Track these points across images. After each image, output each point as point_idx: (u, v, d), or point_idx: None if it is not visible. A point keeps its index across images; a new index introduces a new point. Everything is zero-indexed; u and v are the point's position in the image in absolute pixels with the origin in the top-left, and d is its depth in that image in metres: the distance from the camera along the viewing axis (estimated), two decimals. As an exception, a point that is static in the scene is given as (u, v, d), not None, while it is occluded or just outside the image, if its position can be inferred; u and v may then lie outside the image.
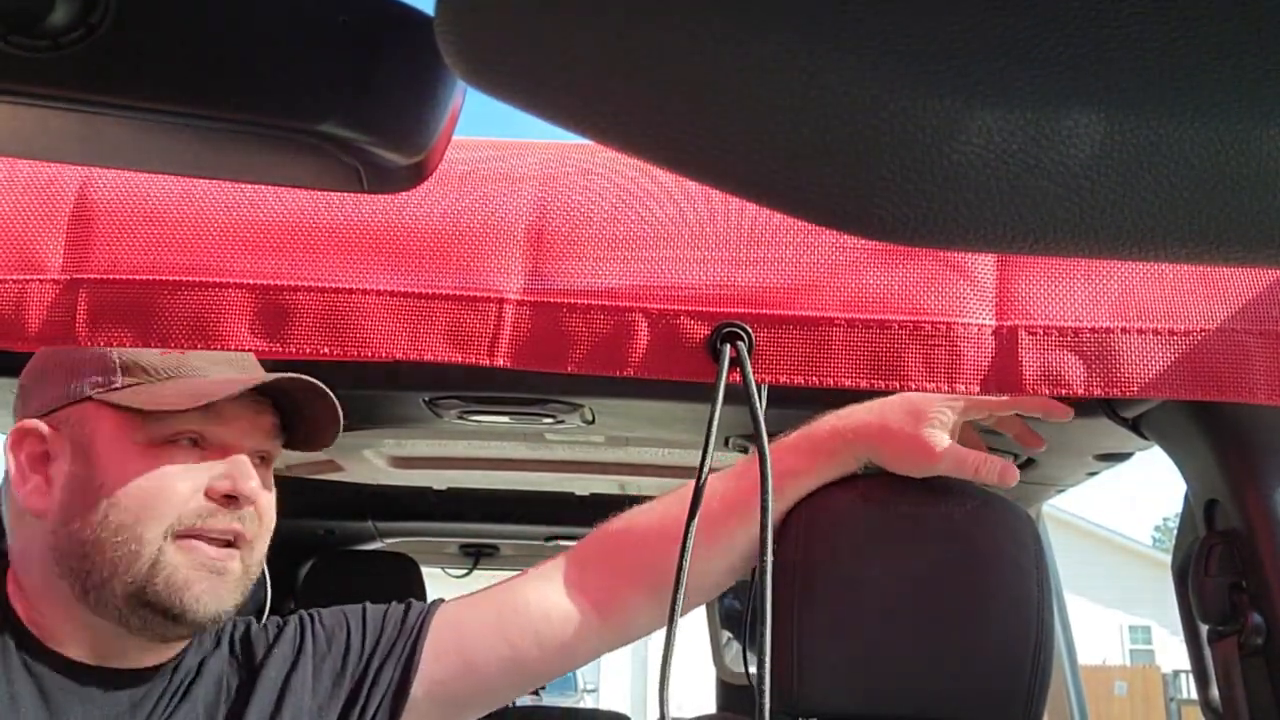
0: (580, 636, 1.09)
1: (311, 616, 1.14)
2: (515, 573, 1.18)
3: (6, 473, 1.05)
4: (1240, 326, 0.90)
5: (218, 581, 0.99)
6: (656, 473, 1.84)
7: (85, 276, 0.95)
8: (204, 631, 1.05)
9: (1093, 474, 1.48)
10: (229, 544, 1.00)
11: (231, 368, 1.05)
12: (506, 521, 2.27)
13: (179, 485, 0.98)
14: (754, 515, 0.86)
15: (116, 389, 1.00)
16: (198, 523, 0.98)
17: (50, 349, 1.00)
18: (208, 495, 0.99)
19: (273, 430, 1.07)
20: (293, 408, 1.08)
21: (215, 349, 0.95)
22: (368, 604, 1.16)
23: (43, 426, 1.01)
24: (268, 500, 1.06)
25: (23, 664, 0.97)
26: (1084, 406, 1.13)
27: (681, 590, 0.89)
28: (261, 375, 1.04)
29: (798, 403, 1.16)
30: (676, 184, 0.95)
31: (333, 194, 0.93)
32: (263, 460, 1.07)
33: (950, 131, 0.30)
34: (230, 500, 1.00)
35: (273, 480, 1.09)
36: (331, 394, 1.06)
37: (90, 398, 1.00)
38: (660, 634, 0.96)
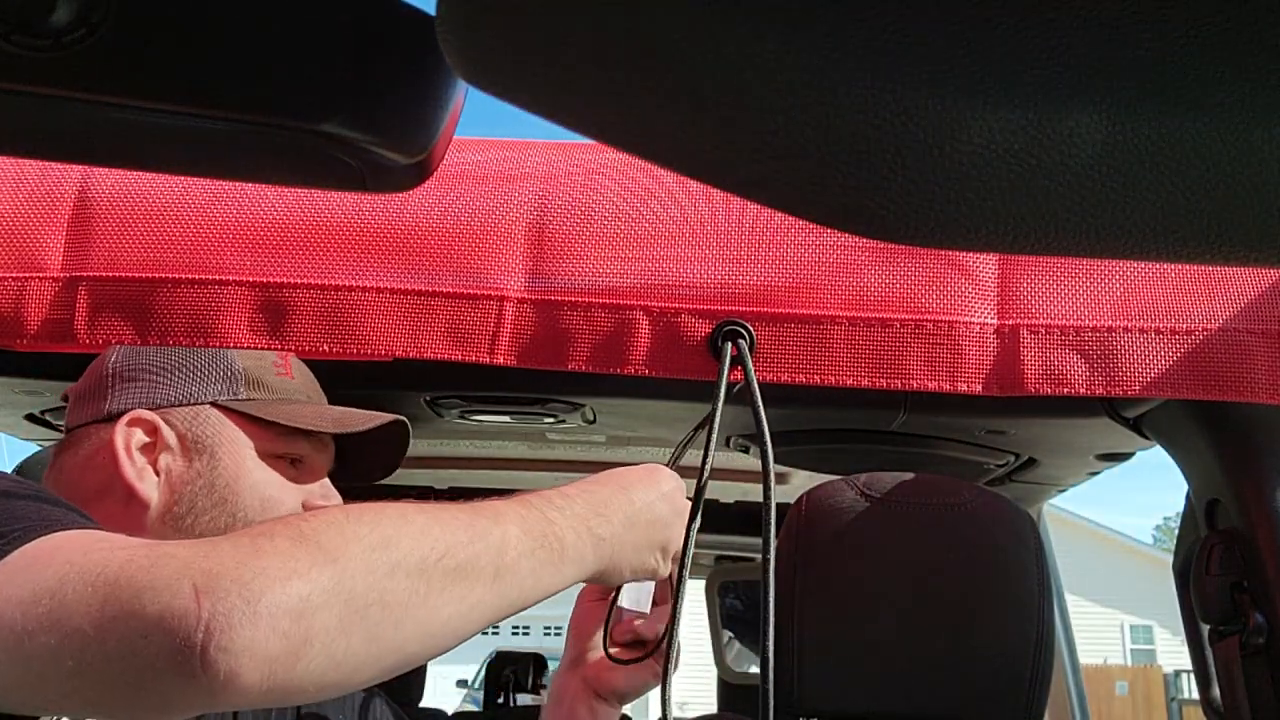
0: None
1: None
2: None
3: (58, 452, 1.09)
4: (1242, 326, 0.90)
5: None
6: (657, 472, 1.84)
7: (84, 274, 0.95)
8: None
9: (1094, 473, 1.48)
10: None
11: (319, 396, 1.15)
12: None
13: (287, 497, 1.07)
14: None
15: (245, 400, 1.06)
16: None
17: (142, 347, 1.04)
18: (304, 508, 1.08)
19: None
20: (356, 443, 1.16)
21: (214, 345, 0.96)
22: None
23: (154, 418, 1.04)
24: None
25: None
26: (1086, 406, 1.13)
27: (684, 587, 0.89)
28: (378, 414, 1.14)
29: (799, 402, 1.16)
30: (678, 183, 0.95)
31: (334, 193, 0.93)
32: None
33: (952, 131, 0.30)
34: None
35: None
36: (405, 441, 1.18)
37: (214, 403, 1.05)
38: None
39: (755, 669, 2.77)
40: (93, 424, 1.05)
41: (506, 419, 1.35)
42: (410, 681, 2.39)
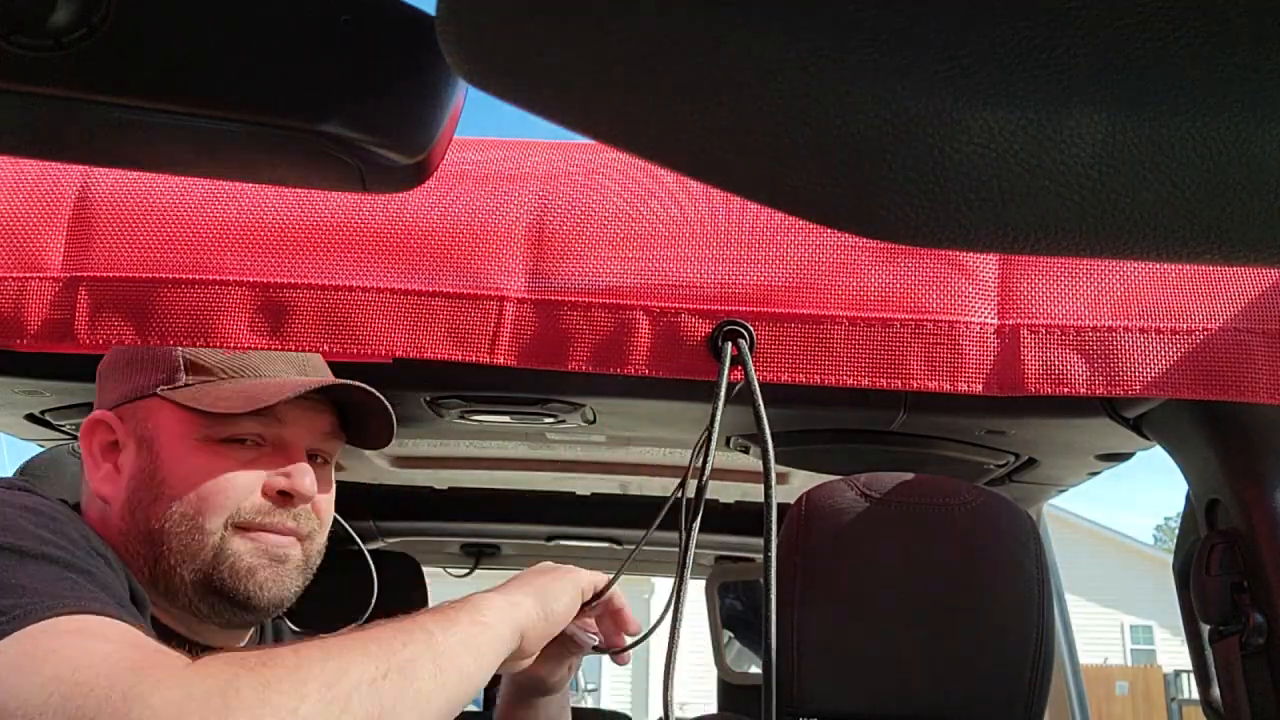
0: None
1: None
2: (517, 572, 1.17)
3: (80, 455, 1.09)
4: (1243, 325, 0.90)
5: (280, 569, 1.03)
6: (657, 472, 1.84)
7: (85, 274, 0.95)
8: (268, 618, 1.10)
9: (1094, 473, 1.48)
10: (288, 533, 1.05)
11: (291, 367, 1.08)
12: (508, 521, 2.27)
13: (237, 482, 1.01)
14: None
15: (179, 387, 1.03)
16: (256, 518, 1.02)
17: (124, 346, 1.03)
18: (264, 493, 1.03)
19: (330, 430, 1.10)
20: (350, 407, 1.11)
21: (215, 346, 0.96)
22: None
23: (111, 418, 1.04)
24: (324, 499, 1.10)
25: None
26: (1086, 406, 1.13)
27: (685, 585, 0.89)
28: (315, 379, 1.07)
29: (799, 402, 1.16)
30: (678, 183, 0.95)
31: (334, 193, 0.93)
32: (321, 460, 1.11)
33: (953, 132, 0.30)
34: (286, 499, 1.04)
35: (332, 478, 1.13)
36: (381, 397, 1.09)
37: (155, 394, 1.03)
38: (662, 634, 0.96)
39: (755, 669, 2.77)
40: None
41: (506, 419, 1.35)
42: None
